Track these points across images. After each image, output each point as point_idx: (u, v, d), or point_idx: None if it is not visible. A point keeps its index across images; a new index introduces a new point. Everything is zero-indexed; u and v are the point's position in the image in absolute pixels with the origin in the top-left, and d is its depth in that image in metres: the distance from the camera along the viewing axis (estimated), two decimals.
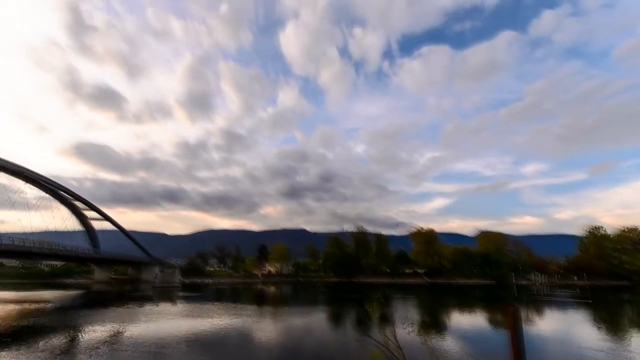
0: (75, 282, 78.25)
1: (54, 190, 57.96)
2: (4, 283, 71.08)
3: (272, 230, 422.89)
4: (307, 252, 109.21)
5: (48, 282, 76.98)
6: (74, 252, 58.68)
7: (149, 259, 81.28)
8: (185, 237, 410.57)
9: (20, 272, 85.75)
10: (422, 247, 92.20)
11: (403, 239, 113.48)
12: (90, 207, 66.91)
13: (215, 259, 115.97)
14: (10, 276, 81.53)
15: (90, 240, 71.25)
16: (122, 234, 76.89)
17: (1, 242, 42.66)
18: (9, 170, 46.86)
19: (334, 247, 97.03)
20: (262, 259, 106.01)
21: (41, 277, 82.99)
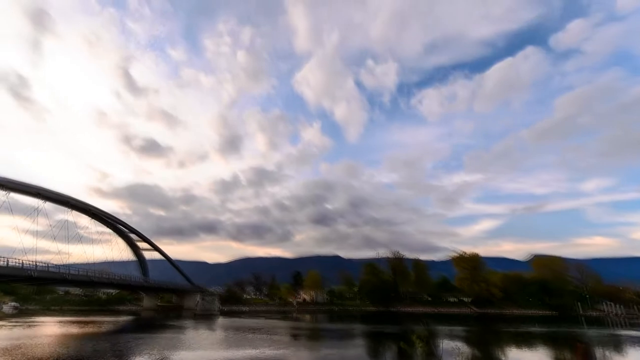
0: (126, 308, 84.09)
1: (113, 224, 65.26)
2: (69, 309, 79.05)
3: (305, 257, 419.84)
4: (341, 279, 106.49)
5: (104, 308, 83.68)
6: (127, 280, 64.10)
7: (191, 287, 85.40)
8: (224, 265, 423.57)
9: (82, 300, 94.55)
10: (467, 273, 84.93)
11: (444, 265, 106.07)
12: (142, 239, 73.51)
13: (252, 286, 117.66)
14: (74, 303, 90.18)
15: (141, 269, 77.39)
16: (168, 264, 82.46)
17: (69, 272, 48.63)
18: (79, 208, 54.34)
19: (369, 274, 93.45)
20: (296, 287, 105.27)
21: (99, 304, 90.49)
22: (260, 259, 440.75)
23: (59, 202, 50.77)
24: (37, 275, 41.94)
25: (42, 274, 42.80)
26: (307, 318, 64.43)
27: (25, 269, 40.13)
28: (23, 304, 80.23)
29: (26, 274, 40.20)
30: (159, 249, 78.41)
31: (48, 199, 47.89)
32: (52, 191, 48.27)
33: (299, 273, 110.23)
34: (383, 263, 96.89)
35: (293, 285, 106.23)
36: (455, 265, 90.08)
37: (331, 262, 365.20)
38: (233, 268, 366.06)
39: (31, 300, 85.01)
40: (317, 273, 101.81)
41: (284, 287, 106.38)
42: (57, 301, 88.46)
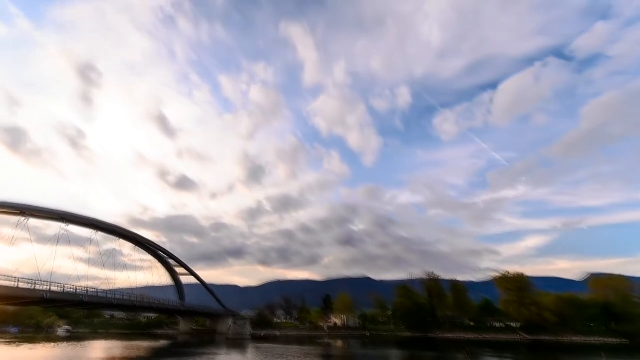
0: (164, 332, 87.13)
1: (154, 250, 69.91)
2: (114, 333, 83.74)
3: (334, 280, 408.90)
4: (373, 303, 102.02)
5: (144, 332, 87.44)
6: (165, 305, 67.12)
7: (223, 310, 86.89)
8: (255, 289, 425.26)
9: (125, 323, 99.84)
10: (512, 295, 77.15)
11: (485, 286, 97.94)
12: (179, 264, 77.47)
13: (282, 310, 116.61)
14: (118, 327, 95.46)
15: (178, 293, 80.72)
16: (202, 288, 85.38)
17: (115, 297, 52.33)
18: (126, 236, 59.38)
19: (402, 296, 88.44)
20: (327, 310, 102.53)
21: (139, 327, 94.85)
22: (291, 281, 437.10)
23: (109, 232, 55.92)
24: (88, 300, 45.66)
25: (92, 298, 46.50)
26: (339, 344, 62.09)
27: (78, 294, 43.97)
28: (75, 328, 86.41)
29: (79, 299, 43.97)
30: (195, 273, 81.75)
31: (100, 229, 53.05)
32: (103, 222, 53.60)
33: (328, 296, 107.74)
34: (417, 285, 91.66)
35: (323, 308, 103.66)
36: (498, 286, 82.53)
37: (361, 284, 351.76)
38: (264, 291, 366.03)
39: (82, 324, 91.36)
40: (348, 296, 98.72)
41: (314, 311, 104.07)
42: (104, 325, 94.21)
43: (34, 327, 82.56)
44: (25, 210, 39.82)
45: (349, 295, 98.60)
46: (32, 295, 37.00)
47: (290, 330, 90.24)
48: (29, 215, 40.06)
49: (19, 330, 79.24)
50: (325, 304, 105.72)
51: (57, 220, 45.20)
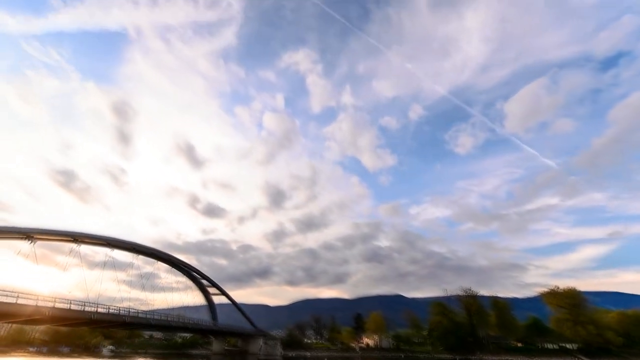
0: (198, 352, 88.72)
1: (188, 272, 73.08)
2: (152, 352, 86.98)
3: (364, 297, 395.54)
4: (407, 322, 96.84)
5: (179, 352, 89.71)
6: (199, 324, 68.93)
7: (254, 330, 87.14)
8: (285, 308, 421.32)
9: (162, 343, 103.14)
10: (565, 313, 69.54)
11: (531, 303, 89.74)
12: (212, 284, 79.94)
13: (312, 330, 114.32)
14: (156, 346, 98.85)
15: (210, 313, 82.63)
16: (233, 308, 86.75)
17: (153, 317, 54.88)
18: (163, 259, 63.13)
19: (438, 314, 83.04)
20: (358, 330, 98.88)
21: (175, 347, 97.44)
22: (320, 300, 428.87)
23: (147, 254, 59.79)
24: (129, 321, 48.38)
25: (133, 319, 49.19)
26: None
27: (120, 314, 46.82)
28: (118, 347, 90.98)
29: (121, 320, 46.77)
30: (226, 293, 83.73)
31: (139, 252, 56.96)
32: (142, 245, 57.59)
33: (359, 315, 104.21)
34: (453, 302, 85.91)
35: (354, 328, 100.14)
36: (547, 303, 74.83)
37: (393, 302, 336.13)
38: (293, 310, 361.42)
39: (124, 344, 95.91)
40: (380, 315, 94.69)
41: (345, 330, 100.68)
42: (143, 345, 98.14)
43: (83, 347, 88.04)
44: (78, 237, 44.04)
45: (381, 314, 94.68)
46: (82, 316, 40.13)
47: (321, 351, 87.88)
48: (80, 242, 44.21)
49: (70, 350, 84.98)
50: (356, 323, 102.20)
51: (103, 245, 49.33)
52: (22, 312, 32.80)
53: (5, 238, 34.24)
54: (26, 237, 36.03)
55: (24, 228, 36.49)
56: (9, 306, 31.56)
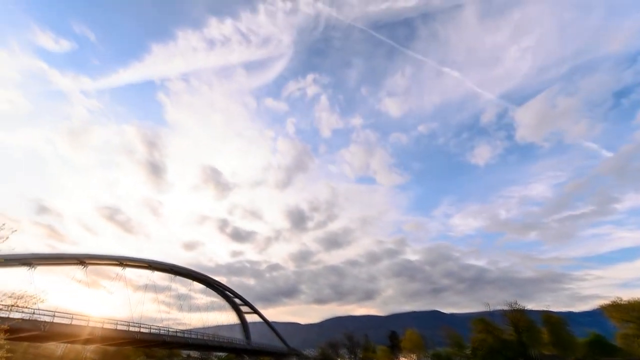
0: None
1: (222, 291, 74.92)
2: None
3: (398, 314, 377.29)
4: (446, 339, 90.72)
5: None
6: (233, 343, 69.57)
7: (287, 349, 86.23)
8: (316, 326, 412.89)
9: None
10: (634, 328, 61.31)
11: (590, 317, 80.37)
12: (244, 303, 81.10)
13: (346, 348, 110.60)
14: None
15: (244, 332, 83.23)
16: (265, 326, 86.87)
17: (191, 337, 56.43)
18: (198, 279, 65.72)
19: (482, 331, 76.63)
20: (394, 349, 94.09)
21: None
22: (351, 317, 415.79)
23: (184, 275, 62.47)
24: (169, 340, 50.11)
25: (172, 338, 50.92)
26: None
27: (161, 334, 48.68)
28: None
29: (162, 339, 48.58)
30: (258, 311, 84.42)
31: (177, 273, 59.83)
32: (180, 266, 60.60)
33: (394, 333, 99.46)
34: (497, 318, 79.28)
35: (390, 347, 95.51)
36: (609, 317, 66.55)
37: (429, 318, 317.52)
38: (324, 328, 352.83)
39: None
40: (416, 332, 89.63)
41: (380, 349, 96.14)
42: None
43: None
44: (123, 261, 47.33)
45: (417, 332, 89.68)
46: (127, 336, 42.25)
47: None
48: (125, 265, 47.42)
49: None
50: (391, 341, 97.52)
51: (145, 267, 52.46)
52: (77, 332, 35.27)
53: (62, 264, 37.68)
54: (79, 263, 39.38)
55: (77, 254, 40.03)
56: (66, 327, 34.12)
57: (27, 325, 28.73)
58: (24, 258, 32.51)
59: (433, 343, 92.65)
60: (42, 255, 35.43)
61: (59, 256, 38.35)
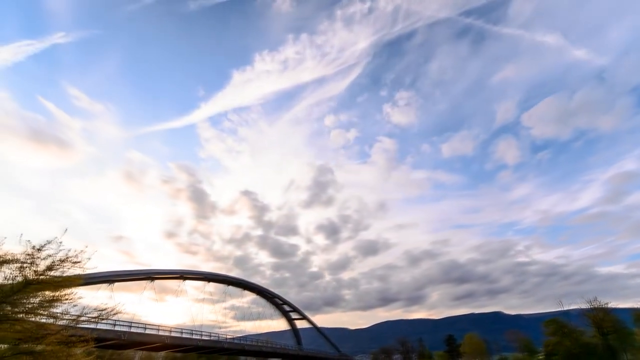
0: None
1: (271, 298, 77.84)
2: None
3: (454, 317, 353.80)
4: (513, 343, 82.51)
5: None
6: (286, 349, 71.38)
7: (338, 355, 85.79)
8: (366, 331, 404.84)
9: None
10: None
11: None
12: (293, 309, 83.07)
13: (399, 354, 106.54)
14: None
15: (294, 338, 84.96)
16: (315, 332, 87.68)
17: (246, 343, 59.32)
18: (250, 287, 70.02)
19: (556, 334, 67.78)
20: (452, 354, 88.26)
21: None
22: (402, 321, 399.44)
23: (237, 285, 66.91)
24: (227, 346, 53.23)
25: (230, 345, 54.01)
26: None
27: (220, 341, 51.91)
28: None
29: (221, 346, 51.73)
30: (308, 317, 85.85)
31: (230, 284, 64.34)
32: (232, 277, 65.78)
33: (451, 337, 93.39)
34: (573, 318, 69.94)
35: (448, 352, 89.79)
36: None
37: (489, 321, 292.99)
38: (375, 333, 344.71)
39: None
40: (477, 336, 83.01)
41: (438, 355, 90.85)
42: None
43: None
44: (184, 274, 52.33)
45: (477, 335, 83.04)
46: (191, 343, 45.82)
47: None
48: (185, 278, 52.26)
49: None
50: (448, 346, 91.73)
51: (202, 279, 57.44)
52: (149, 340, 39.23)
53: (134, 280, 42.76)
54: (147, 278, 44.37)
55: (146, 270, 45.68)
56: (140, 336, 38.18)
57: (109, 335, 32.74)
58: (104, 276, 37.39)
59: (497, 347, 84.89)
60: (118, 272, 40.49)
61: (132, 273, 43.44)
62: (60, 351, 10.37)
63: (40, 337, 10.00)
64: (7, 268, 9.59)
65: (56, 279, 10.29)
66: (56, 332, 10.28)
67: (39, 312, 10.47)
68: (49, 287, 10.22)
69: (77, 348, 11.72)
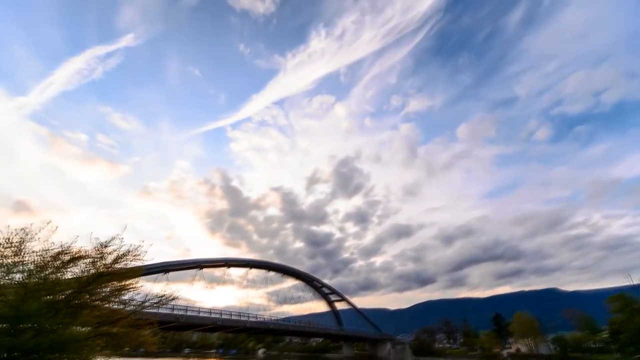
0: (331, 356, 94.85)
1: (310, 281, 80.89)
2: (293, 355, 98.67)
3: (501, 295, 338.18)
4: (571, 321, 77.09)
5: (315, 355, 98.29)
6: (328, 330, 74.21)
7: (380, 335, 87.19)
8: (406, 311, 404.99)
9: (300, 347, 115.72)
10: None
11: None
12: (333, 292, 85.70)
13: (443, 334, 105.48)
14: (295, 350, 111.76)
15: (335, 319, 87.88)
16: (354, 313, 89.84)
17: (291, 324, 62.63)
18: (290, 273, 73.43)
19: (623, 311, 61.62)
20: (501, 333, 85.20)
21: (311, 351, 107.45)
22: (444, 301, 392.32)
23: (278, 270, 70.66)
24: (272, 327, 56.65)
25: (276, 326, 57.38)
26: None
27: (266, 322, 55.40)
28: (267, 350, 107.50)
29: (267, 327, 55.25)
30: (347, 299, 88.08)
31: (272, 269, 68.09)
32: (274, 263, 69.75)
33: (499, 315, 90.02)
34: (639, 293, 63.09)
35: (496, 331, 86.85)
36: None
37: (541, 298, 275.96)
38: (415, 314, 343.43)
39: (271, 348, 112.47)
40: (528, 314, 78.51)
41: (484, 334, 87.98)
42: (286, 348, 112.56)
43: (244, 351, 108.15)
44: (229, 263, 56.69)
45: (529, 314, 78.45)
46: (239, 324, 49.59)
47: (457, 358, 79.51)
48: (230, 266, 56.67)
49: (236, 352, 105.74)
50: (495, 325, 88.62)
51: (246, 266, 61.62)
52: (202, 322, 43.21)
53: (185, 269, 47.24)
54: (197, 267, 48.64)
55: (195, 260, 49.93)
56: (195, 318, 42.19)
57: (170, 318, 36.61)
58: (161, 266, 41.57)
59: (552, 326, 79.82)
60: (172, 262, 44.82)
61: (183, 262, 47.82)
62: (132, 332, 11.89)
63: (114, 321, 11.45)
64: (82, 262, 10.93)
65: (121, 270, 11.54)
66: (126, 316, 11.71)
67: (111, 300, 11.95)
68: (116, 277, 11.49)
69: (144, 330, 13.35)
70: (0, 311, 8.63)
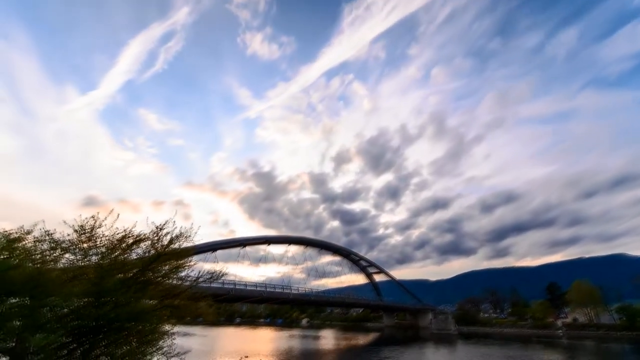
0: (372, 325, 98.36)
1: (348, 254, 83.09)
2: (335, 324, 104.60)
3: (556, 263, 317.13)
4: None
5: (356, 324, 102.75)
6: (367, 301, 76.58)
7: (421, 305, 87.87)
8: (448, 282, 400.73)
9: (341, 317, 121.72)
10: None
11: None
12: (370, 264, 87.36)
13: (489, 303, 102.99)
14: (337, 320, 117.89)
15: (375, 290, 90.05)
16: (392, 285, 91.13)
17: (331, 296, 65.62)
18: (328, 248, 75.72)
19: None
20: (556, 303, 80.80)
21: (351, 320, 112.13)
22: (488, 271, 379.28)
23: (316, 246, 73.29)
24: (314, 299, 59.78)
25: (317, 298, 60.45)
26: (592, 347, 46.78)
27: (307, 294, 58.57)
28: (310, 320, 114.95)
29: (308, 299, 58.41)
30: (386, 271, 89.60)
31: (310, 245, 70.88)
32: (312, 238, 72.56)
33: (553, 284, 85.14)
34: None
35: (550, 300, 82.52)
36: None
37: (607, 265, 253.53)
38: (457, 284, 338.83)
39: (314, 317, 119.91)
40: (588, 282, 72.50)
41: (538, 303, 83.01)
42: (328, 318, 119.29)
43: (289, 320, 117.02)
44: (269, 240, 60.41)
45: (589, 282, 72.31)
46: (283, 296, 52.84)
47: (505, 327, 77.40)
48: (271, 243, 60.56)
49: (282, 322, 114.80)
50: (550, 294, 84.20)
51: (285, 243, 65.10)
52: (250, 295, 46.91)
53: (231, 247, 51.31)
54: (241, 245, 52.53)
55: (239, 238, 54.22)
56: (243, 291, 45.94)
57: (221, 291, 40.27)
58: (209, 245, 45.51)
59: (618, 295, 72.89)
60: (219, 241, 48.82)
61: (229, 241, 51.92)
62: (191, 305, 13.37)
63: (175, 294, 12.86)
64: (143, 244, 12.22)
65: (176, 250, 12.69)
66: (184, 290, 13.06)
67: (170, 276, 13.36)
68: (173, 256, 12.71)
69: (201, 302, 15.01)
70: (85, 287, 10.10)
